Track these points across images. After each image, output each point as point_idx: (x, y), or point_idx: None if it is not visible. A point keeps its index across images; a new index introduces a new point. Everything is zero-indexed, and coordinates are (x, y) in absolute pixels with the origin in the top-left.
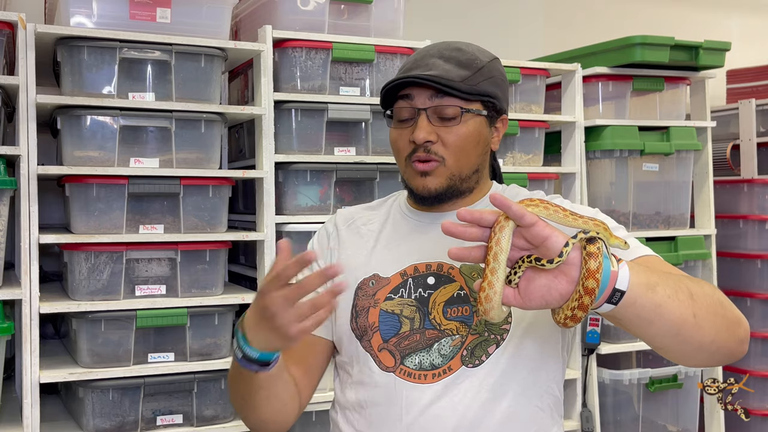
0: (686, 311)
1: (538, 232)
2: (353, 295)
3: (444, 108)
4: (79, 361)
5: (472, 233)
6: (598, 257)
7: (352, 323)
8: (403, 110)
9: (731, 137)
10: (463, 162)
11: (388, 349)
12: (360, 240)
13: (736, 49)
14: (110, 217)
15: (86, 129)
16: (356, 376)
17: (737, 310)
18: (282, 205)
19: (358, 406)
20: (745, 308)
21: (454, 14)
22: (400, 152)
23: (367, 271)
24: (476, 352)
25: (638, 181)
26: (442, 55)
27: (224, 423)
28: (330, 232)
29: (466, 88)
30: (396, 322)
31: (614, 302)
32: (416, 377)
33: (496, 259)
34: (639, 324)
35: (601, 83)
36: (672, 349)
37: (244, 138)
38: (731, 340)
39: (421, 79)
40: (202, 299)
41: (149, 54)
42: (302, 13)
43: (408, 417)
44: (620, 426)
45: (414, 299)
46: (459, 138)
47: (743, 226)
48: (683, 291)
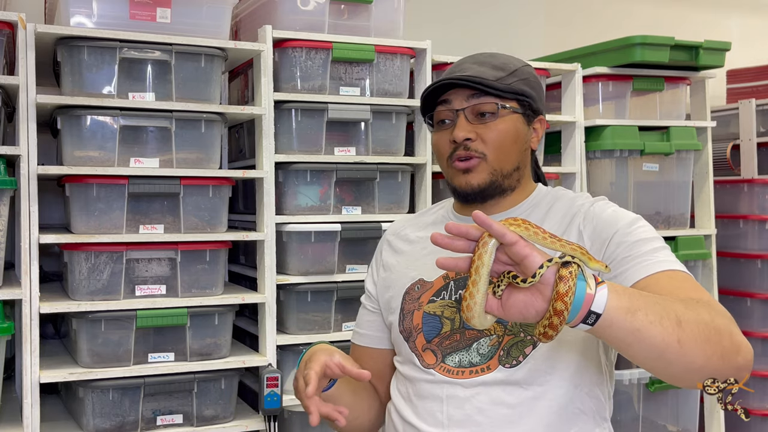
0: (670, 337)
1: (518, 251)
2: (401, 299)
3: (481, 106)
4: (79, 361)
5: (459, 245)
6: (569, 281)
7: (400, 326)
8: (442, 113)
9: (731, 137)
10: (504, 158)
11: (431, 349)
12: (410, 247)
13: (736, 49)
14: (110, 217)
15: (86, 129)
16: (406, 373)
17: (741, 337)
18: (282, 205)
19: (408, 399)
20: (745, 308)
21: (454, 14)
22: (442, 154)
23: (414, 277)
24: (512, 352)
25: (638, 181)
26: (476, 60)
27: (224, 423)
28: (382, 246)
29: (501, 86)
30: (437, 323)
31: (590, 323)
32: (455, 373)
33: (478, 272)
34: (618, 345)
35: (601, 83)
36: (657, 370)
37: (244, 138)
38: (726, 367)
39: (456, 80)
40: (202, 299)
41: (149, 54)
42: (302, 13)
43: (448, 409)
44: (620, 426)
45: (454, 301)
46: (497, 133)
47: (743, 226)
48: (670, 317)
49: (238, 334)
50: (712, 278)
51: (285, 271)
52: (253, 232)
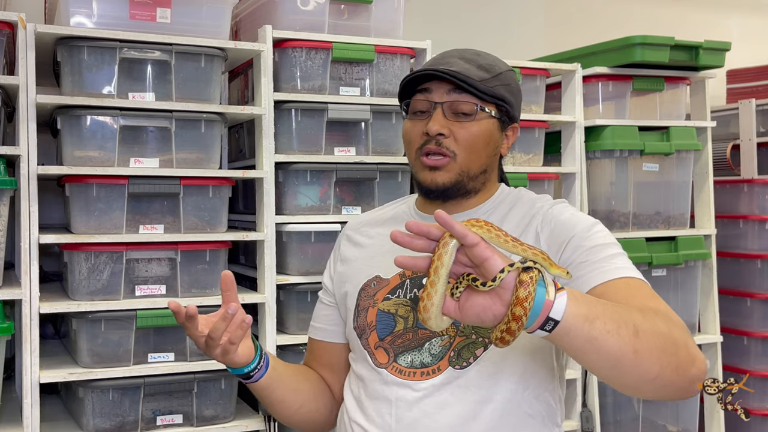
0: (626, 347)
1: (479, 253)
2: (357, 296)
3: (460, 104)
4: (79, 361)
5: (419, 245)
6: (529, 287)
7: (354, 322)
8: (419, 102)
9: (731, 137)
10: (473, 160)
11: (383, 347)
12: (369, 242)
13: (736, 49)
14: (110, 217)
15: (86, 129)
16: (357, 371)
17: (696, 350)
18: (282, 205)
19: (358, 399)
20: (745, 308)
21: (454, 14)
22: (412, 144)
23: (370, 273)
24: (463, 353)
25: (638, 181)
26: (462, 57)
27: (224, 423)
28: (341, 241)
29: (483, 88)
30: (391, 321)
31: (547, 330)
32: (407, 374)
33: (437, 272)
34: (574, 353)
35: (601, 83)
36: (610, 379)
37: (244, 138)
38: (680, 379)
39: (441, 73)
40: (202, 299)
41: (149, 54)
42: (302, 13)
43: (397, 411)
44: (620, 426)
45: (409, 299)
46: (471, 135)
47: (743, 226)
48: (627, 327)
49: None
50: (712, 278)
51: (285, 271)
52: (253, 232)
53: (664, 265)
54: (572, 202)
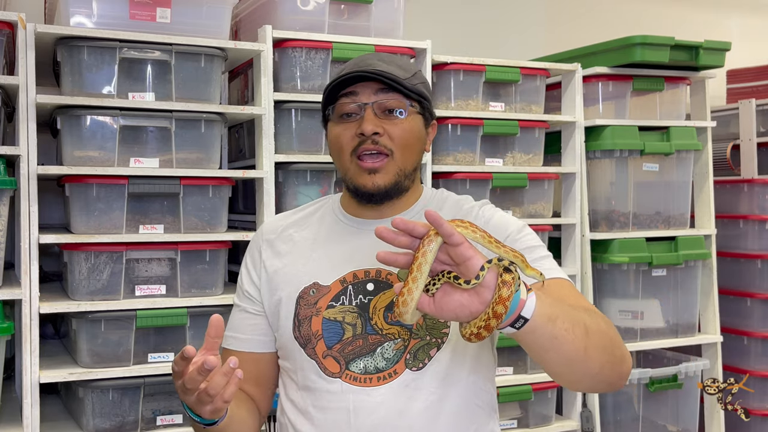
0: (579, 345)
1: (462, 252)
2: (294, 304)
3: (389, 102)
4: (79, 361)
5: (402, 241)
6: (512, 286)
7: (294, 332)
8: (346, 106)
9: (731, 137)
10: (408, 157)
11: (333, 356)
12: (294, 247)
13: (736, 49)
14: (110, 217)
15: (86, 129)
16: (301, 382)
17: (625, 348)
18: (282, 205)
19: (305, 412)
20: (745, 308)
21: (454, 14)
22: (344, 148)
23: (307, 280)
24: (419, 355)
25: (638, 181)
26: (381, 59)
27: None
28: (261, 246)
29: (409, 86)
30: (339, 329)
31: (517, 327)
32: (362, 381)
33: (420, 269)
34: (536, 350)
35: (601, 83)
36: (563, 377)
37: (244, 138)
38: (613, 374)
39: (371, 74)
40: (202, 299)
41: (149, 54)
42: (302, 13)
43: (356, 421)
44: (620, 426)
45: (355, 306)
46: (404, 132)
47: (743, 226)
48: (580, 326)
49: None
50: (712, 278)
51: None
52: (252, 232)
53: (664, 265)
54: (572, 202)
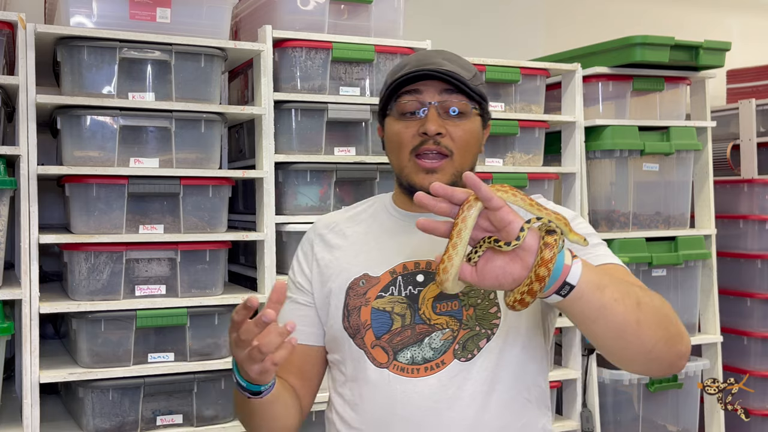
0: (630, 316)
1: (503, 217)
2: (344, 295)
3: (454, 103)
4: (79, 361)
5: (442, 208)
6: (554, 248)
7: (344, 322)
8: (409, 104)
9: (731, 137)
10: (466, 158)
11: (381, 346)
12: (346, 242)
13: (736, 49)
14: (110, 217)
15: (86, 129)
16: (350, 373)
17: (683, 327)
18: (282, 205)
19: (353, 403)
20: (745, 308)
21: (454, 14)
22: (404, 145)
23: (357, 272)
24: (468, 345)
25: (638, 181)
26: (445, 57)
27: (224, 423)
28: (313, 241)
29: (473, 87)
30: (387, 319)
31: (563, 294)
32: (409, 371)
33: (460, 235)
34: (583, 320)
35: (601, 83)
36: (613, 350)
37: (244, 138)
38: (670, 352)
39: (438, 73)
40: (202, 299)
41: (149, 54)
42: (302, 12)
43: (404, 411)
44: (620, 426)
45: (404, 296)
46: (466, 133)
47: (743, 226)
48: (631, 298)
49: None
50: (712, 278)
51: (285, 271)
52: (253, 232)
53: (664, 265)
54: (572, 202)
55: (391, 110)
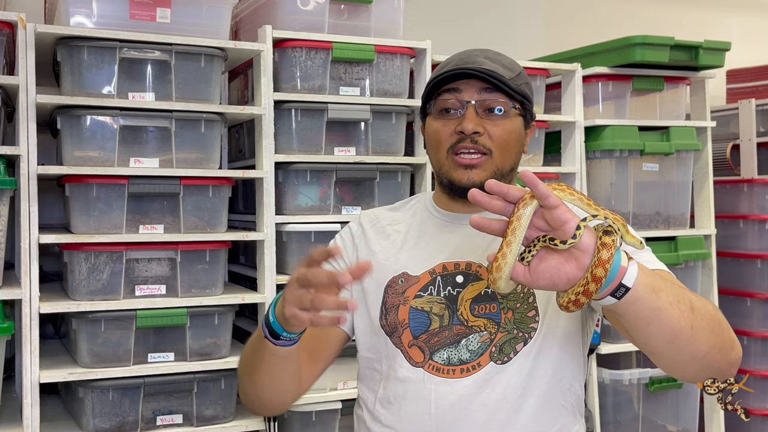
0: (685, 321)
1: (559, 215)
2: (383, 292)
3: (493, 102)
4: (79, 361)
5: (496, 205)
6: (611, 249)
7: (381, 320)
8: (447, 102)
9: (731, 137)
10: (506, 157)
11: (418, 345)
12: (387, 239)
13: (736, 49)
14: (110, 217)
15: (86, 129)
16: (385, 371)
17: (734, 334)
18: (282, 205)
19: (386, 401)
20: (745, 308)
21: (454, 14)
22: (442, 143)
23: (397, 270)
24: (505, 349)
25: (638, 181)
26: (487, 56)
27: (224, 423)
28: (355, 231)
29: (514, 86)
30: (425, 319)
31: (618, 297)
32: (444, 372)
33: (514, 233)
34: (637, 324)
35: (601, 83)
36: (665, 356)
37: (244, 138)
38: (722, 360)
39: (477, 72)
40: (202, 299)
41: (149, 54)
42: (302, 12)
43: (437, 412)
44: (620, 426)
45: (443, 297)
46: (505, 132)
47: (743, 226)
48: (685, 302)
49: (238, 334)
50: (712, 278)
51: (285, 271)
52: (253, 232)
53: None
54: None
55: (431, 109)
